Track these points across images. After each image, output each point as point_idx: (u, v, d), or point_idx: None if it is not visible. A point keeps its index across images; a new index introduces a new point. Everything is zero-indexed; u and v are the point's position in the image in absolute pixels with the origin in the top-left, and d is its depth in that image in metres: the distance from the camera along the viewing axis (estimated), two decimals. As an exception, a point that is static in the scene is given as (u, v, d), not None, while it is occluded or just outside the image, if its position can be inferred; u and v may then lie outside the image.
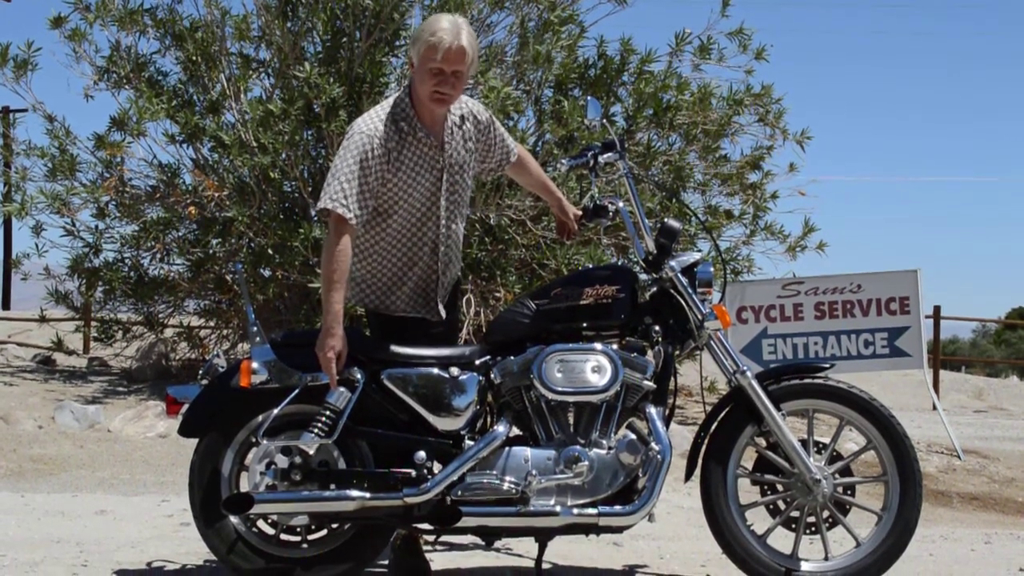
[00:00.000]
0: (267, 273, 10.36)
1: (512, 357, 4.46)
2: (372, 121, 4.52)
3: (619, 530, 4.48)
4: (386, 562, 4.89)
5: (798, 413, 4.68)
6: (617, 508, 4.35)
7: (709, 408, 4.68)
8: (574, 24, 10.72)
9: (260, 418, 4.43)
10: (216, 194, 10.15)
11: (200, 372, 4.62)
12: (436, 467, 4.40)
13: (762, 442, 4.62)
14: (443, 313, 4.73)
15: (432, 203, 4.61)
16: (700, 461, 4.60)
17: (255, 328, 4.51)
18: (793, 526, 4.62)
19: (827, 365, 4.73)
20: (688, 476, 4.64)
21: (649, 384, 4.45)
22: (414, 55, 4.48)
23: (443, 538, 5.03)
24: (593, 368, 4.39)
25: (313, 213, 4.62)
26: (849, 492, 4.63)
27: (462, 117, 4.68)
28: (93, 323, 12.83)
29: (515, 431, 4.49)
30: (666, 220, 4.66)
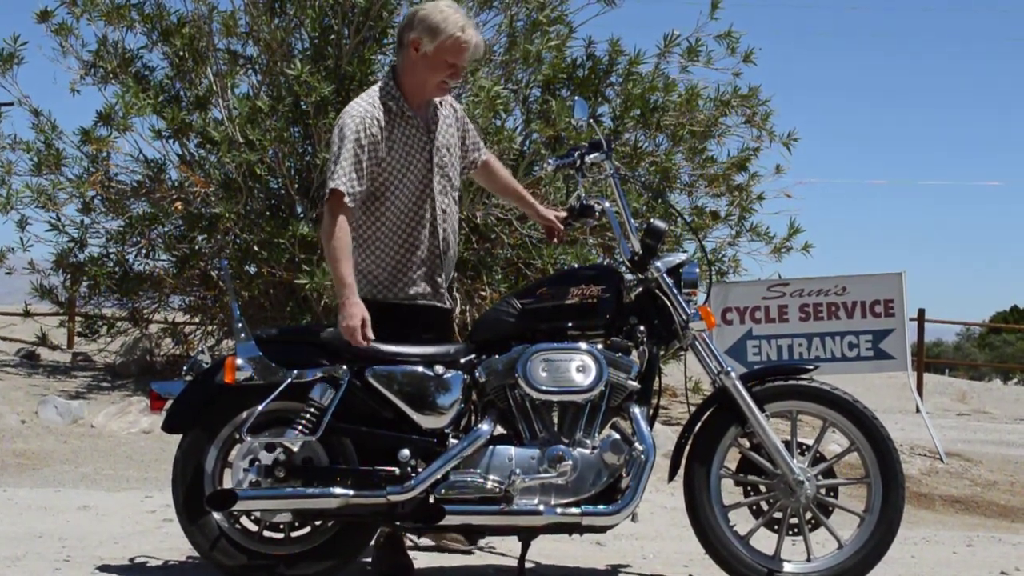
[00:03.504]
0: (253, 270, 10.35)
1: (497, 356, 4.47)
2: (362, 104, 4.58)
3: (602, 530, 4.49)
4: (369, 559, 4.89)
5: (782, 414, 4.69)
6: (600, 508, 4.36)
7: (693, 409, 4.69)
8: (563, 24, 10.72)
9: (244, 415, 4.42)
10: (202, 190, 10.14)
11: (184, 368, 4.61)
12: (420, 465, 4.39)
13: (746, 443, 4.63)
14: (451, 300, 4.79)
15: (426, 183, 4.66)
16: (684, 461, 4.60)
17: (240, 324, 4.50)
18: (776, 527, 4.63)
19: (811, 367, 4.74)
20: (671, 476, 4.64)
21: (633, 384, 4.46)
22: (427, 44, 4.52)
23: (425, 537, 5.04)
24: (578, 367, 4.39)
25: (323, 198, 4.63)
26: (832, 494, 4.64)
27: (440, 102, 4.77)
28: (77, 318, 12.78)
29: (499, 430, 4.49)
30: (652, 221, 4.67)
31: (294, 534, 4.53)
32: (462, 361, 4.49)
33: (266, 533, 4.53)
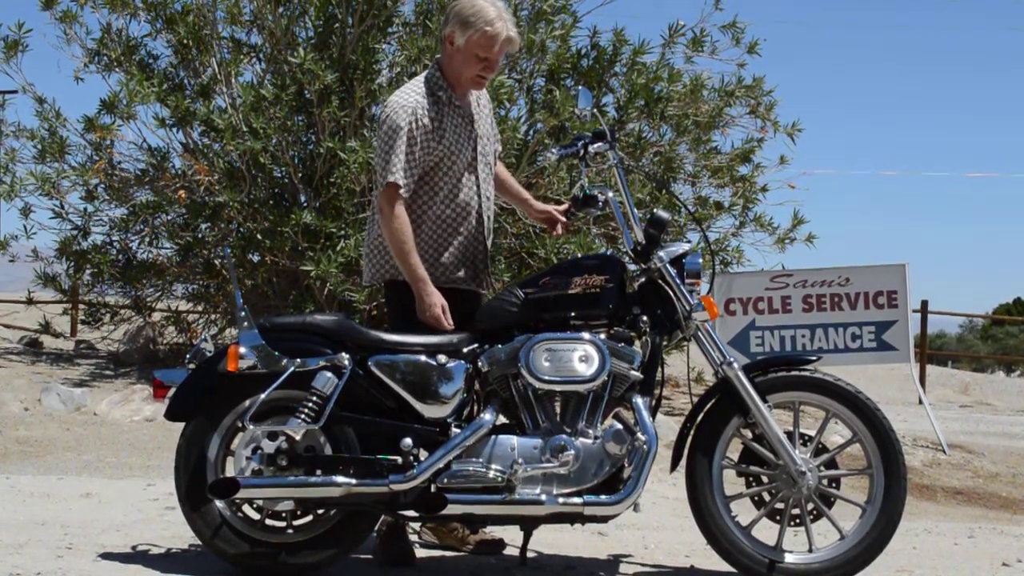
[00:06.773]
0: (256, 258, 10.37)
1: (500, 345, 4.47)
2: (411, 95, 4.60)
3: (604, 520, 4.49)
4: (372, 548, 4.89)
5: (784, 405, 4.69)
6: (602, 498, 4.36)
7: (696, 399, 4.69)
8: (567, 14, 10.70)
9: (247, 403, 4.42)
10: (206, 178, 10.13)
11: (187, 356, 4.61)
12: (422, 454, 4.40)
13: (748, 434, 4.63)
14: (492, 286, 4.83)
15: (471, 170, 4.71)
16: (686, 452, 4.60)
17: (243, 313, 4.50)
18: (778, 518, 4.63)
19: (814, 358, 4.74)
20: (674, 467, 4.64)
21: (636, 374, 4.45)
22: (459, 37, 4.56)
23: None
24: (580, 357, 4.39)
25: (374, 195, 4.66)
26: (834, 485, 4.65)
27: (477, 93, 4.84)
28: (81, 306, 12.81)
29: (502, 419, 4.50)
30: (655, 211, 4.67)
31: (296, 522, 4.53)
32: (465, 350, 4.50)
33: (268, 521, 4.54)
